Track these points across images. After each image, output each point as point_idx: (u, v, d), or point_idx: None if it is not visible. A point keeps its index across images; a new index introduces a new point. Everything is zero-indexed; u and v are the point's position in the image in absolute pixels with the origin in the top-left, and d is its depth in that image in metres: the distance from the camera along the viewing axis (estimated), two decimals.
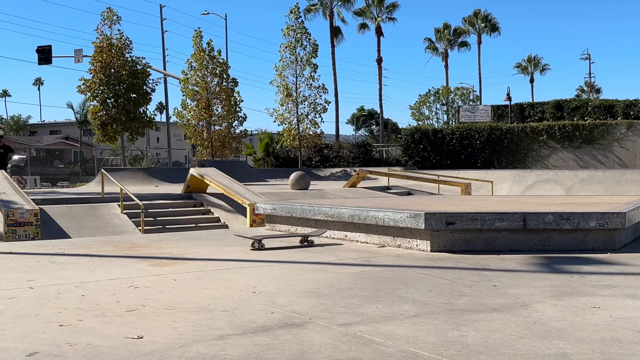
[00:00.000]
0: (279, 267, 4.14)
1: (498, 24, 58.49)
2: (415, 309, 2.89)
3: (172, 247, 5.24)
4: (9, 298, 3.14)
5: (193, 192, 16.51)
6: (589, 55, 71.72)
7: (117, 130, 29.54)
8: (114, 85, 28.93)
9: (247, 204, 13.04)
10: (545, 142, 32.00)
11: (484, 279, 3.68)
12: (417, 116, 47.79)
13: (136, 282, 3.57)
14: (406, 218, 4.86)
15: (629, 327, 2.55)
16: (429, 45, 57.27)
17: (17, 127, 77.85)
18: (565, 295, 3.17)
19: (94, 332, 2.46)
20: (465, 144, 32.68)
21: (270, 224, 6.62)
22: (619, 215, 4.77)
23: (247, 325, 2.57)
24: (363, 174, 21.39)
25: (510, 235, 4.84)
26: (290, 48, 31.70)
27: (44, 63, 29.64)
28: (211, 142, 30.22)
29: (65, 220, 13.08)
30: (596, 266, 4.16)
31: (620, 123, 31.66)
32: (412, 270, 4.00)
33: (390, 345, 2.29)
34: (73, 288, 3.39)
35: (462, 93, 49.03)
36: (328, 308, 2.88)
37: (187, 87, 30.51)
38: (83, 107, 54.20)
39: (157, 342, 2.32)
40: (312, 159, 34.26)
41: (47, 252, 4.86)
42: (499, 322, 2.63)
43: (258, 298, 3.13)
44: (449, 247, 4.81)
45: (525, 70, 69.57)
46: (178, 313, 2.80)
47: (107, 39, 29.48)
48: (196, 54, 30.32)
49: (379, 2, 45.99)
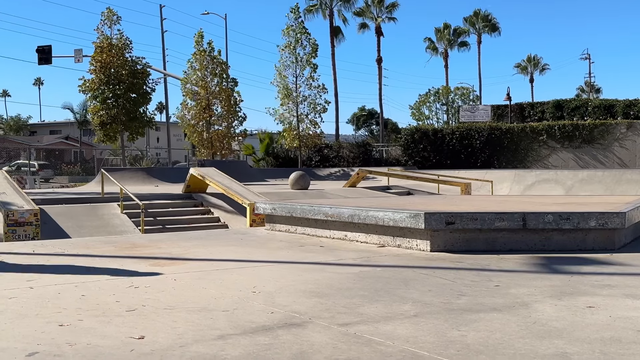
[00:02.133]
0: (278, 267, 4.14)
1: (498, 23, 58.58)
2: (415, 309, 2.89)
3: (172, 247, 5.24)
4: (9, 298, 3.14)
5: (193, 192, 16.53)
6: (588, 55, 71.78)
7: (117, 130, 29.55)
8: (114, 85, 28.93)
9: (247, 204, 13.04)
10: (545, 142, 32.01)
11: (483, 278, 3.68)
12: (417, 116, 47.79)
13: (136, 282, 3.57)
14: (406, 218, 4.87)
15: (629, 327, 2.55)
16: (429, 45, 57.30)
17: (17, 127, 77.81)
18: (565, 295, 3.17)
19: (94, 332, 2.46)
20: (465, 143, 32.68)
21: (270, 223, 6.62)
22: (619, 215, 4.77)
23: (247, 325, 2.57)
24: (363, 173, 21.39)
25: (510, 235, 4.84)
26: (290, 48, 31.71)
27: (44, 63, 29.65)
28: (211, 142, 30.21)
29: (65, 220, 13.09)
30: (596, 266, 4.16)
31: (620, 123, 31.67)
32: (412, 270, 4.00)
33: (390, 345, 2.29)
34: (73, 288, 3.39)
35: (462, 93, 49.02)
36: (328, 308, 2.88)
37: (187, 87, 30.51)
38: (84, 107, 54.16)
39: (157, 342, 2.33)
40: (312, 158, 34.28)
41: (46, 252, 4.86)
42: (499, 322, 2.63)
43: (258, 298, 3.13)
44: (449, 247, 4.81)
45: (525, 70, 69.60)
46: (178, 313, 2.80)
47: (107, 38, 29.49)
48: (197, 54, 30.33)
49: (379, 2, 45.98)
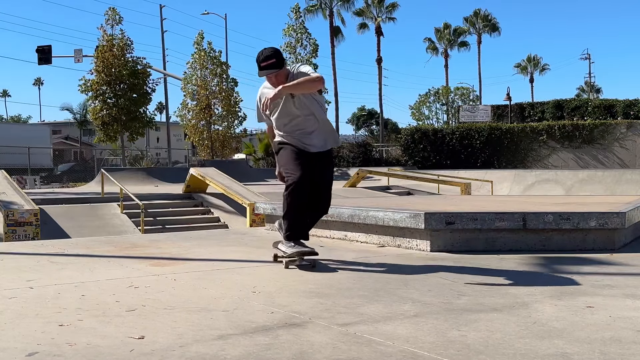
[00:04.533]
0: (279, 267, 4.14)
1: (498, 23, 58.56)
2: (415, 309, 2.89)
3: (172, 247, 5.24)
4: (9, 298, 3.14)
5: (193, 192, 16.52)
6: (588, 55, 71.83)
7: (117, 130, 29.56)
8: (114, 85, 28.95)
9: (247, 204, 13.04)
10: (545, 142, 31.99)
11: (484, 278, 3.68)
12: (417, 116, 47.81)
13: (136, 282, 3.57)
14: (406, 218, 4.87)
15: (628, 327, 2.55)
16: (429, 45, 57.28)
17: None
18: (565, 295, 3.17)
19: (94, 332, 2.46)
20: (465, 143, 32.67)
21: (270, 224, 6.62)
22: (619, 215, 4.77)
23: (247, 325, 2.57)
24: (363, 173, 21.39)
25: (510, 235, 4.84)
26: (290, 48, 31.72)
27: (44, 63, 29.64)
28: (211, 142, 30.23)
29: (65, 220, 13.09)
30: (596, 266, 4.16)
31: (620, 123, 31.66)
32: (412, 270, 4.00)
33: (390, 345, 2.29)
34: (73, 288, 3.39)
35: (462, 93, 49.05)
36: (328, 308, 2.88)
37: (188, 87, 30.53)
38: (84, 107, 54.19)
39: (157, 342, 2.33)
40: None
41: (46, 252, 4.86)
42: (499, 322, 2.63)
43: (258, 298, 3.13)
44: (449, 247, 4.81)
45: (525, 70, 69.58)
46: (178, 313, 2.80)
47: (110, 38, 29.52)
48: (197, 54, 30.35)
49: (378, 2, 45.96)
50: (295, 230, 4.08)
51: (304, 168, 4.06)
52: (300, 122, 4.21)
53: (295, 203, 4.01)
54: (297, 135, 4.23)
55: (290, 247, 4.03)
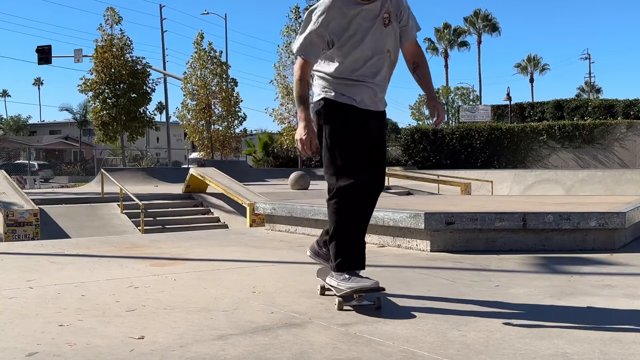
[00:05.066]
0: (279, 267, 4.14)
1: (498, 23, 58.60)
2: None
3: (172, 247, 5.24)
4: (9, 298, 3.14)
5: (193, 192, 16.53)
6: (588, 55, 71.88)
7: (117, 130, 29.58)
8: (114, 85, 28.97)
9: (247, 204, 13.05)
10: (545, 142, 32.00)
11: (483, 278, 3.68)
12: (417, 116, 47.81)
13: (136, 282, 3.57)
14: (406, 218, 4.86)
15: (628, 327, 2.55)
16: (429, 45, 57.30)
17: (17, 127, 77.84)
18: (565, 295, 3.17)
19: (94, 332, 2.46)
20: (465, 143, 32.68)
21: (270, 224, 6.62)
22: (619, 215, 4.77)
23: (247, 325, 2.57)
24: None
25: (510, 235, 4.84)
26: (289, 48, 31.73)
27: (43, 63, 29.65)
28: (211, 142, 30.24)
29: (65, 220, 13.10)
30: (596, 266, 4.16)
31: (620, 123, 31.66)
32: (412, 270, 4.00)
33: (390, 345, 2.29)
34: (73, 288, 3.39)
35: (462, 93, 49.07)
36: (328, 308, 2.88)
37: (188, 87, 30.55)
38: (83, 107, 54.19)
39: (157, 342, 2.33)
40: (311, 159, 34.24)
41: (46, 252, 4.86)
42: (499, 322, 2.63)
43: (258, 298, 3.13)
44: (449, 247, 4.81)
45: (525, 70, 69.57)
46: (178, 313, 2.80)
47: (109, 38, 29.53)
48: (197, 54, 30.37)
49: None
50: (349, 257, 2.85)
51: (368, 162, 2.86)
52: (378, 63, 2.86)
53: (353, 218, 2.84)
54: (371, 85, 2.86)
55: (344, 281, 2.82)
